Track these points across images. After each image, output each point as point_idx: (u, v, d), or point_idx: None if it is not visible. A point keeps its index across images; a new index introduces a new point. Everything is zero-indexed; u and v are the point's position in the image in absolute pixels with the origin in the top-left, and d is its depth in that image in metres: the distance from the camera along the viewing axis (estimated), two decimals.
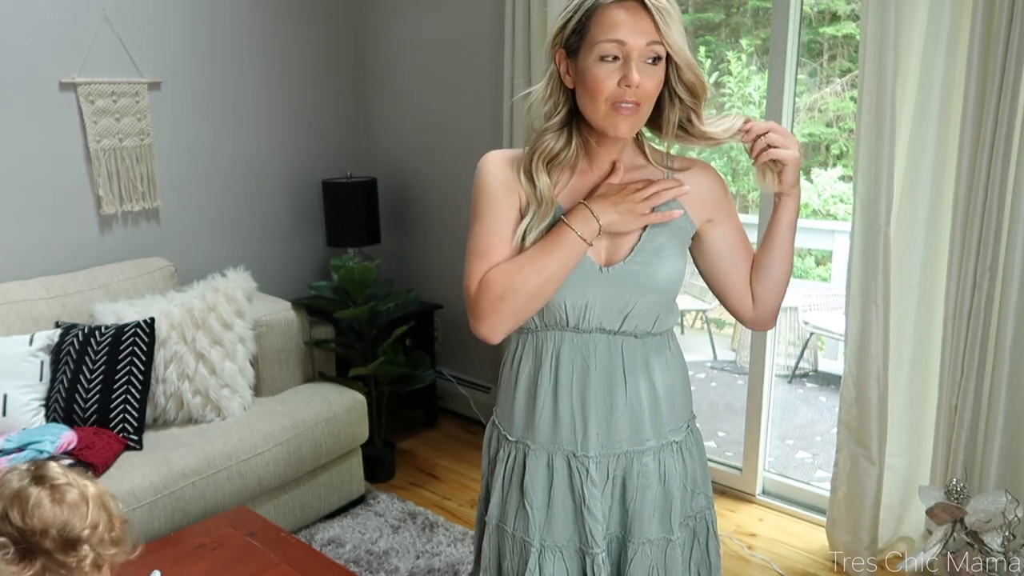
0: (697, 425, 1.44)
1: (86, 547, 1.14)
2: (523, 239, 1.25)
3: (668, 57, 1.17)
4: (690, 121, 1.23)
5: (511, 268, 1.23)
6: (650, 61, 1.16)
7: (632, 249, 1.26)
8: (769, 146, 1.23)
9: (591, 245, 1.23)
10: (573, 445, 1.31)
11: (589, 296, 1.26)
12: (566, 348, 1.29)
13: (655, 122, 1.26)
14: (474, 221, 1.28)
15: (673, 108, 1.22)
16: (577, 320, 1.27)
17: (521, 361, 1.34)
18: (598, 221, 1.22)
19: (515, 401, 1.35)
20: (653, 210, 1.25)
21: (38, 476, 1.16)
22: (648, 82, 1.16)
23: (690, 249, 1.35)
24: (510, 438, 1.37)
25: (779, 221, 1.30)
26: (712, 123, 1.24)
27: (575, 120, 1.25)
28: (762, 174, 1.27)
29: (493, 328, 1.24)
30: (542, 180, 1.24)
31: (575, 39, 1.18)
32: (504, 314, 1.22)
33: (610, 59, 1.15)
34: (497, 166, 1.28)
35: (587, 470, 1.30)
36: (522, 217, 1.26)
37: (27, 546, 1.11)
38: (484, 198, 1.27)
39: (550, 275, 1.21)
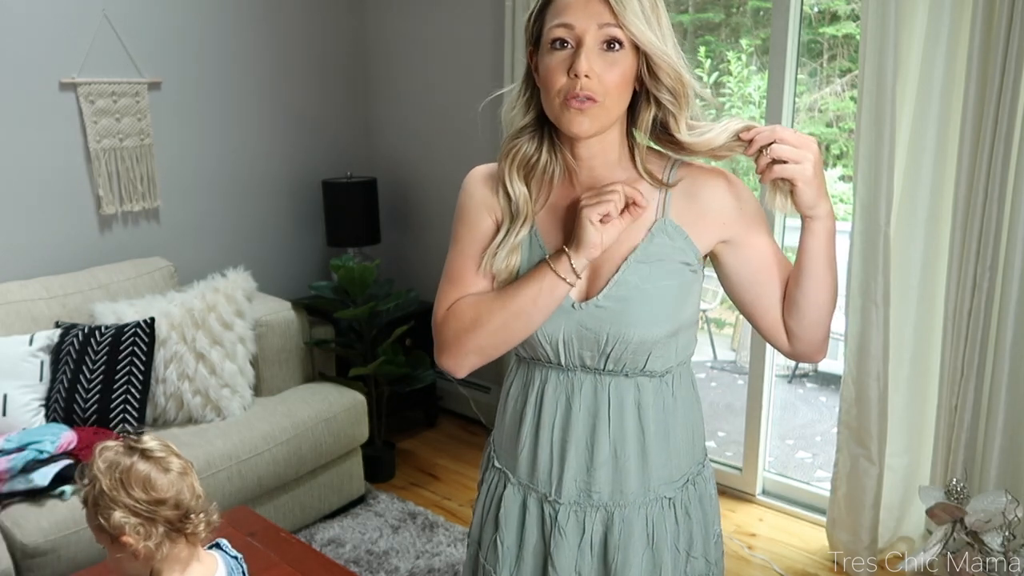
0: (708, 474, 1.28)
1: (201, 515, 1.24)
2: (494, 257, 1.14)
3: (640, 49, 1.04)
4: (667, 125, 1.08)
5: (481, 300, 1.14)
6: (606, 47, 1.02)
7: (606, 283, 1.11)
8: (774, 160, 1.02)
9: (571, 284, 1.09)
10: (548, 488, 1.19)
11: (563, 331, 1.13)
12: (551, 386, 1.18)
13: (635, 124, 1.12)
14: (451, 244, 1.20)
15: (648, 108, 1.08)
16: (557, 356, 1.15)
17: (512, 386, 1.25)
18: (567, 254, 1.08)
19: (504, 425, 1.27)
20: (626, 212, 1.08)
21: (141, 450, 1.22)
22: (608, 73, 1.02)
23: (715, 269, 1.18)
24: (496, 464, 1.28)
25: (805, 248, 1.08)
26: (698, 131, 1.07)
27: (550, 126, 1.12)
28: (772, 193, 1.05)
29: (456, 362, 1.15)
30: (517, 190, 1.13)
31: (536, 30, 1.09)
32: (468, 348, 1.13)
33: (559, 45, 1.03)
34: (478, 185, 1.19)
35: (556, 516, 1.19)
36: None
37: (150, 516, 1.18)
38: (461, 220, 1.19)
39: (517, 310, 1.09)
